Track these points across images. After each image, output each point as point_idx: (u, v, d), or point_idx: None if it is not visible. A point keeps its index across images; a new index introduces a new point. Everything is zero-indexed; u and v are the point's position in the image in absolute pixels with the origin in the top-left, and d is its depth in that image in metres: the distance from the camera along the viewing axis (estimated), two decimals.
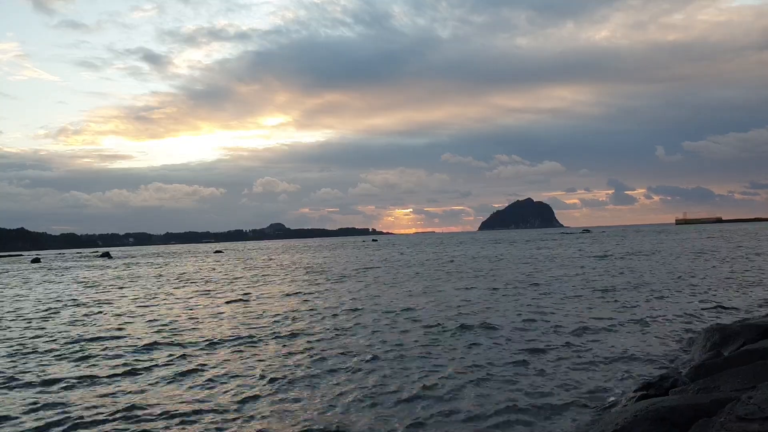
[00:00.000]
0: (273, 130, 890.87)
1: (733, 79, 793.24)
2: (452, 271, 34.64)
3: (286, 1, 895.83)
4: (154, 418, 8.31)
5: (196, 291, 27.73)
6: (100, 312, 20.61)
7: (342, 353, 12.11)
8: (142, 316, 19.12)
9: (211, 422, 8.07)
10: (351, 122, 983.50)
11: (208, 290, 27.84)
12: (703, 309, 15.90)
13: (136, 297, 25.85)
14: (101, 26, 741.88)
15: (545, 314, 16.09)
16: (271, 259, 66.54)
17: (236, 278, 35.56)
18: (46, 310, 21.82)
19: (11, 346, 14.25)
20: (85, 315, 19.91)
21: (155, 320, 17.84)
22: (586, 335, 13.01)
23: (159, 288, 30.60)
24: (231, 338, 14.20)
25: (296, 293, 24.56)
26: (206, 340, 14.01)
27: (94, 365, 11.81)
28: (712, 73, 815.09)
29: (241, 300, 22.68)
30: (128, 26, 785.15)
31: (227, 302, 22.14)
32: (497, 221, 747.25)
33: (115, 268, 58.32)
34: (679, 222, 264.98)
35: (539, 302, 18.55)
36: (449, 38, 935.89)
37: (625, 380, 9.30)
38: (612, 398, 8.35)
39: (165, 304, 22.64)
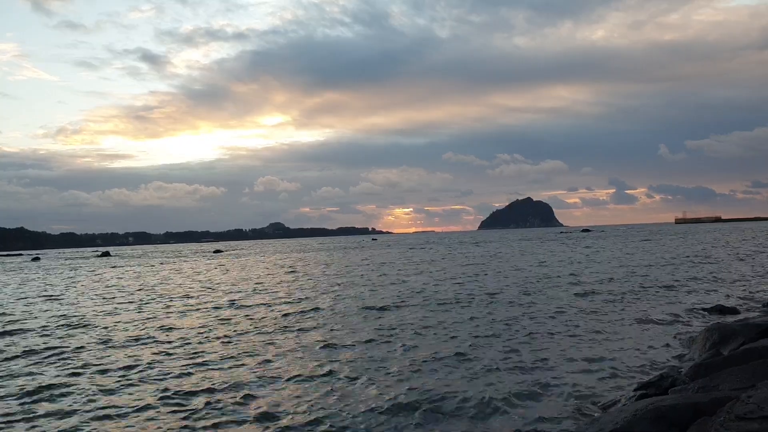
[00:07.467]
0: (272, 130, 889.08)
1: (734, 78, 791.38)
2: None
3: (285, 1, 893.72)
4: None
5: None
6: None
7: None
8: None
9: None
10: (350, 121, 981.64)
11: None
12: (702, 308, 15.90)
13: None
14: (100, 26, 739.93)
15: (544, 313, 16.11)
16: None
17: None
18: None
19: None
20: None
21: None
22: (585, 334, 13.02)
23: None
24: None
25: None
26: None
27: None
28: (713, 73, 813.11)
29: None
30: (127, 26, 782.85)
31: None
32: (497, 220, 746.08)
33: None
34: (678, 221, 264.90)
35: (538, 299, 18.59)
36: (448, 38, 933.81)
37: (625, 379, 9.32)
38: (612, 397, 8.36)
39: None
